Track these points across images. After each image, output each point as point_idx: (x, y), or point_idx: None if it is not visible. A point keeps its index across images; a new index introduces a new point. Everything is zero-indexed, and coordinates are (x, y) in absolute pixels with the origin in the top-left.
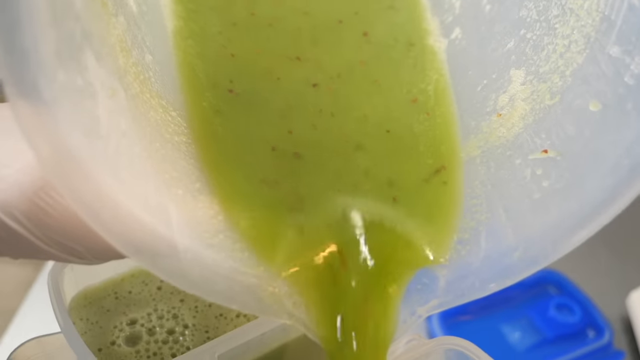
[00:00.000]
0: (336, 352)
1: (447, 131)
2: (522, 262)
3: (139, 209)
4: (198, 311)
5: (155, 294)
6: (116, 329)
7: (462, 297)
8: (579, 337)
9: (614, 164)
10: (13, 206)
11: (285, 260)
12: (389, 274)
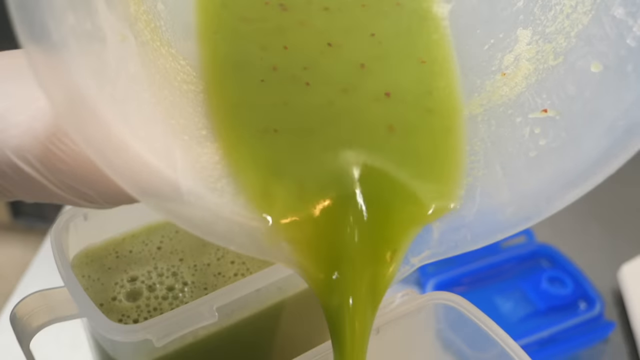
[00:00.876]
0: (330, 300)
1: (450, 88)
2: (515, 217)
3: (146, 152)
4: (197, 269)
5: (155, 254)
6: (117, 285)
7: (455, 249)
8: (570, 308)
9: (610, 125)
10: (27, 151)
11: (284, 208)
12: (388, 226)
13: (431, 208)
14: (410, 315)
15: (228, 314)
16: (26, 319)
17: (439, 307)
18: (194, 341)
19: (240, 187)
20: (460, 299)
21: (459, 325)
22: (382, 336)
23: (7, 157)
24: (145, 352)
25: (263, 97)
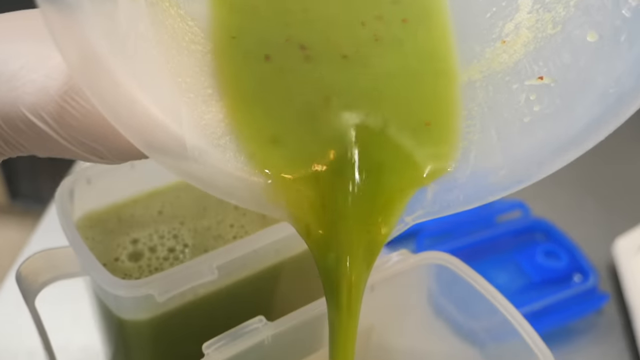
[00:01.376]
0: (326, 256)
1: (449, 56)
2: (506, 180)
3: (154, 108)
4: (197, 232)
5: (157, 217)
6: (119, 247)
7: (447, 209)
8: (565, 281)
9: (602, 93)
10: (40, 108)
11: (284, 165)
12: (385, 186)
13: (427, 170)
14: (404, 274)
15: (227, 273)
16: (31, 277)
17: (432, 267)
18: (194, 299)
19: (242, 144)
20: (452, 258)
21: (452, 285)
22: (377, 294)
23: (22, 114)
24: (147, 308)
25: (269, 59)
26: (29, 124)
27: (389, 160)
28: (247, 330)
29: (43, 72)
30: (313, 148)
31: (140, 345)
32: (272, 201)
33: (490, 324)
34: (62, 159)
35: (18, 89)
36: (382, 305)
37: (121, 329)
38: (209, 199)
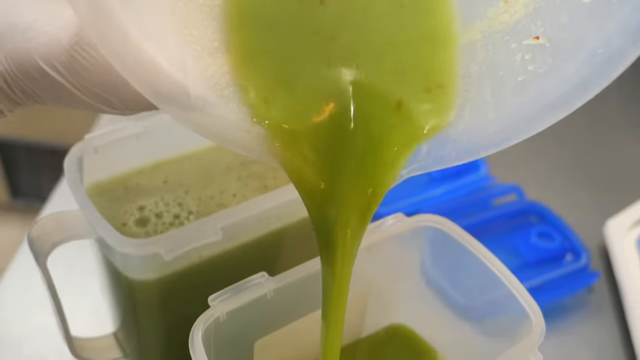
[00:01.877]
0: (324, 211)
1: (450, 15)
2: (497, 136)
3: (160, 58)
4: (201, 201)
5: (162, 187)
6: (127, 213)
7: (440, 163)
8: (558, 260)
9: (591, 53)
10: (53, 57)
11: (286, 116)
12: (384, 141)
13: (427, 127)
14: (400, 236)
15: (230, 237)
16: (42, 238)
17: (427, 229)
18: (199, 261)
19: (245, 96)
20: (445, 220)
21: (446, 246)
22: (373, 255)
23: (37, 63)
24: (155, 268)
25: (277, 13)
26: (42, 73)
27: (389, 116)
28: (250, 284)
29: (56, 24)
30: (314, 102)
31: (148, 306)
32: (272, 151)
33: (482, 284)
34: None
35: (32, 40)
36: (378, 267)
37: (130, 290)
38: (212, 170)
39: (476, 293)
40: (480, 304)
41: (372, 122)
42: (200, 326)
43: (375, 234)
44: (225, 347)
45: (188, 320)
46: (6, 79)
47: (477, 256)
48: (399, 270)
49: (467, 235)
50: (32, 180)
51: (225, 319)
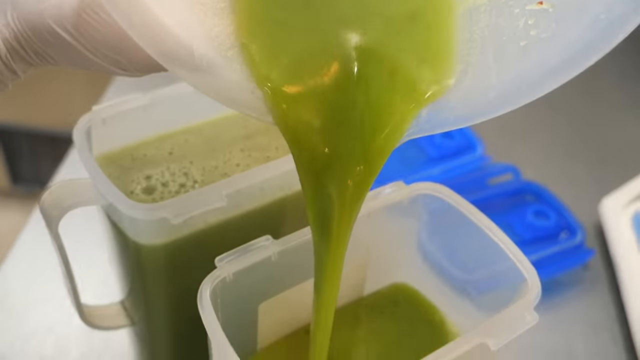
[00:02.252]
0: (322, 176)
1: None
2: (497, 101)
3: (166, 18)
4: (205, 171)
5: (167, 158)
6: (134, 182)
7: (440, 127)
8: (554, 238)
9: (594, 19)
10: (64, 19)
11: (289, 77)
12: (387, 106)
13: (427, 92)
14: (399, 204)
15: (236, 204)
16: (53, 205)
17: (426, 196)
18: (205, 227)
19: (249, 56)
20: (444, 188)
21: (444, 213)
22: (372, 222)
23: (49, 25)
24: (162, 232)
25: None
26: (54, 35)
27: (390, 81)
28: (255, 247)
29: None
30: (316, 64)
31: (156, 271)
32: (274, 113)
33: (479, 252)
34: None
35: (45, 2)
36: (377, 235)
37: (137, 256)
38: (216, 143)
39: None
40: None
41: (373, 86)
42: (208, 285)
43: (374, 201)
44: (231, 308)
45: (194, 286)
46: (19, 40)
47: (474, 221)
48: (397, 239)
49: (463, 201)
50: (32, 167)
51: (232, 279)
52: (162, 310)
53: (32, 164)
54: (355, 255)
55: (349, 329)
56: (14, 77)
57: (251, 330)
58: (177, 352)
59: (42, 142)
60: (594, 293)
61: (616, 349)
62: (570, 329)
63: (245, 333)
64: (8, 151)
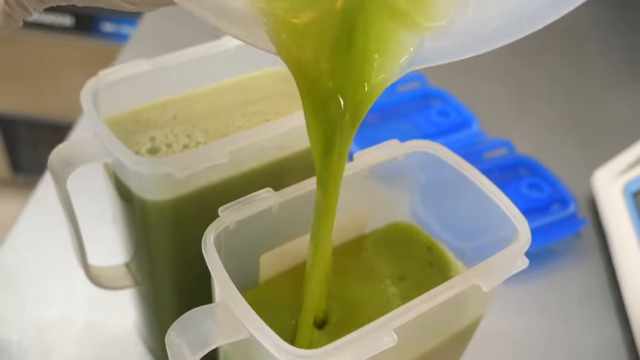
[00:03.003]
0: (320, 100)
1: None
2: (498, 32)
3: None
4: (208, 133)
5: (171, 121)
6: (138, 143)
7: (442, 59)
8: (547, 209)
9: None
10: None
11: (290, 6)
12: (384, 35)
13: (429, 22)
14: (394, 160)
15: (238, 163)
16: (62, 162)
17: (421, 154)
18: (208, 185)
19: None
20: (439, 146)
21: (440, 170)
22: (368, 181)
23: None
24: (167, 188)
25: None
26: None
27: (392, 8)
28: (256, 198)
29: None
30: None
31: (160, 228)
32: (276, 41)
33: (475, 208)
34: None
35: None
36: (372, 191)
37: (142, 212)
38: (218, 108)
39: (466, 221)
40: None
41: (376, 13)
42: (212, 231)
43: (370, 157)
44: (233, 257)
45: (198, 244)
46: None
47: (471, 179)
48: (393, 193)
49: (458, 158)
50: (32, 156)
51: (234, 228)
52: (166, 268)
53: (32, 153)
54: (352, 211)
55: (346, 267)
56: (25, 14)
57: (253, 281)
58: (181, 311)
59: (43, 132)
60: (587, 260)
61: (608, 312)
62: (564, 294)
63: (247, 283)
64: (8, 140)
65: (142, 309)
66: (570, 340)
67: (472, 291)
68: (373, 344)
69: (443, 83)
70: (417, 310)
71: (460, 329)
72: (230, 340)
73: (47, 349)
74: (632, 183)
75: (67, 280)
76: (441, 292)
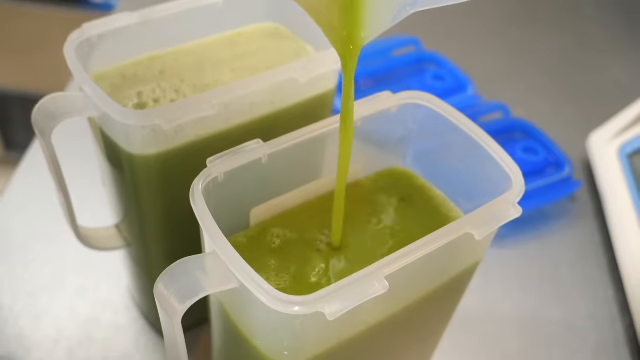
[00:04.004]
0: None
1: None
2: None
3: None
4: (196, 87)
5: (158, 76)
6: (125, 99)
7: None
8: (543, 172)
9: None
10: None
11: None
12: None
13: None
14: (387, 112)
15: (227, 117)
16: (46, 115)
17: (414, 106)
18: (197, 140)
19: None
20: (431, 96)
21: (432, 121)
22: (362, 130)
23: None
24: (154, 142)
25: None
26: None
27: None
28: (245, 149)
29: None
30: None
31: (149, 183)
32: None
33: (469, 158)
34: None
35: None
36: (365, 143)
37: (131, 168)
38: (206, 63)
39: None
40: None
41: None
42: (200, 181)
43: (363, 109)
44: (222, 211)
45: (188, 203)
46: None
47: (462, 129)
48: (386, 144)
49: (451, 108)
50: (25, 134)
51: (223, 180)
52: (156, 228)
53: (25, 131)
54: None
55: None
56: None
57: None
58: None
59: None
60: (581, 223)
61: (601, 272)
62: (557, 256)
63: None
64: (1, 117)
65: (134, 271)
66: (563, 300)
67: (465, 240)
68: (364, 291)
69: (439, 48)
70: (409, 258)
71: (455, 276)
72: (220, 289)
73: (38, 313)
74: (628, 145)
75: (58, 245)
76: (433, 241)
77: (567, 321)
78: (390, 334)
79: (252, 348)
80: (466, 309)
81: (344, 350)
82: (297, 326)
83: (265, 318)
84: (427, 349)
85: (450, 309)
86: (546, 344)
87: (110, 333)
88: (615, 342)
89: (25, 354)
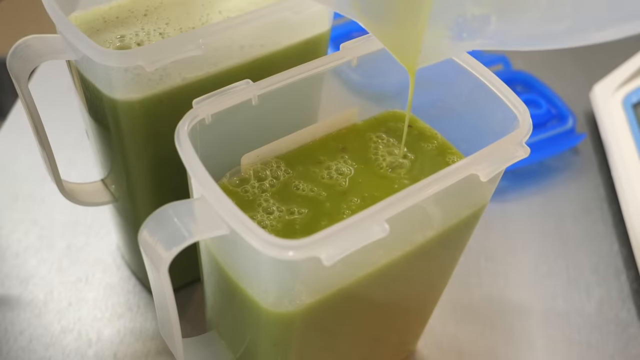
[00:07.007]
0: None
1: None
2: (569, 32)
3: None
4: (183, 31)
5: (142, 19)
6: (106, 42)
7: (502, 46)
8: (545, 125)
9: None
10: None
11: None
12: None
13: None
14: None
15: (215, 61)
16: (21, 58)
17: None
18: (183, 84)
19: None
20: None
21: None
22: (358, 70)
23: None
24: (137, 86)
25: None
26: None
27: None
28: (234, 89)
29: None
30: None
31: (133, 131)
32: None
33: (474, 98)
34: None
35: None
36: (362, 84)
37: (114, 116)
38: (192, 5)
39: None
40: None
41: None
42: (186, 123)
43: (362, 47)
44: (211, 156)
45: (174, 152)
46: None
47: (465, 66)
48: (385, 90)
49: None
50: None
51: (211, 122)
52: (143, 180)
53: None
54: (346, 110)
55: (347, 149)
56: None
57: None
58: None
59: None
60: (585, 176)
61: (605, 226)
62: (561, 209)
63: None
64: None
65: (122, 228)
66: (567, 255)
67: (470, 181)
68: (363, 235)
69: None
70: (411, 199)
71: (459, 220)
72: (209, 235)
73: (26, 275)
74: (632, 94)
75: (46, 206)
76: (436, 182)
77: (570, 275)
78: (391, 282)
79: (247, 299)
80: (466, 264)
81: (343, 299)
82: (292, 273)
83: (259, 266)
84: (427, 305)
85: (452, 260)
86: (550, 298)
87: (100, 293)
88: (620, 295)
89: (14, 317)
